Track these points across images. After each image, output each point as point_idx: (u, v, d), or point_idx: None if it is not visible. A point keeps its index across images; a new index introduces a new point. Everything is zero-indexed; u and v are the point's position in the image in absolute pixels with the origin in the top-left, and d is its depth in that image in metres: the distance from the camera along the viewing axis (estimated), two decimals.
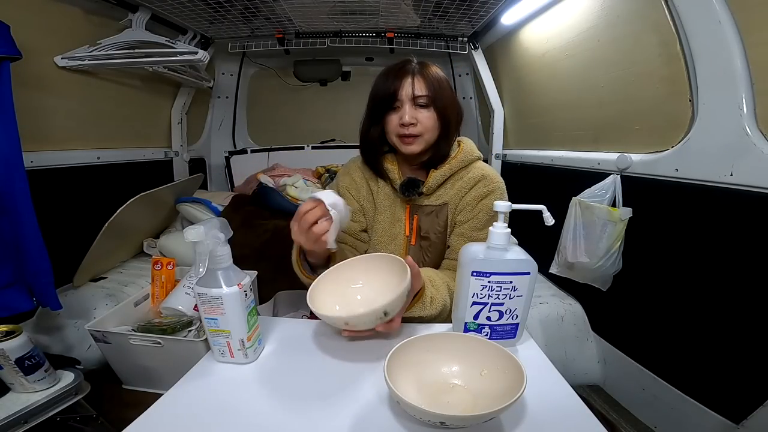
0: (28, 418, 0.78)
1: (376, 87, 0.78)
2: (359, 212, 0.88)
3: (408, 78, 0.74)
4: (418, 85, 0.74)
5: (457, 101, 0.80)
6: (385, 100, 0.76)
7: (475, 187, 0.80)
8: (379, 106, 0.78)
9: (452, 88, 0.80)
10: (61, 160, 1.32)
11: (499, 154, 1.93)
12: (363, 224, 0.88)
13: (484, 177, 0.80)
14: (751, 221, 0.80)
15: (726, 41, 0.80)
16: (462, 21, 1.67)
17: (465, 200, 0.80)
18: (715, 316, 0.89)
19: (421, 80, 0.74)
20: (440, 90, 0.75)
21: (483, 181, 0.80)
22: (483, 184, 0.80)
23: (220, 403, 0.50)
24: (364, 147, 0.85)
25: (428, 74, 0.75)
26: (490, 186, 0.79)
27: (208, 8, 1.49)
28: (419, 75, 0.75)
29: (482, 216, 0.78)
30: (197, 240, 0.50)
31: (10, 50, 0.93)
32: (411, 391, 0.48)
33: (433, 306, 0.69)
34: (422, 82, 0.74)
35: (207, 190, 2.22)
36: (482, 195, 0.79)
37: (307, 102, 2.48)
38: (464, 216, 0.80)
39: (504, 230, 0.58)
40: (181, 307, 1.08)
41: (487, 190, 0.79)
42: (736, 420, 0.83)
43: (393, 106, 0.76)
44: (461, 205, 0.81)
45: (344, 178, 0.89)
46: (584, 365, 1.26)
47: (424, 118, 0.75)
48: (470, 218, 0.80)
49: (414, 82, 0.74)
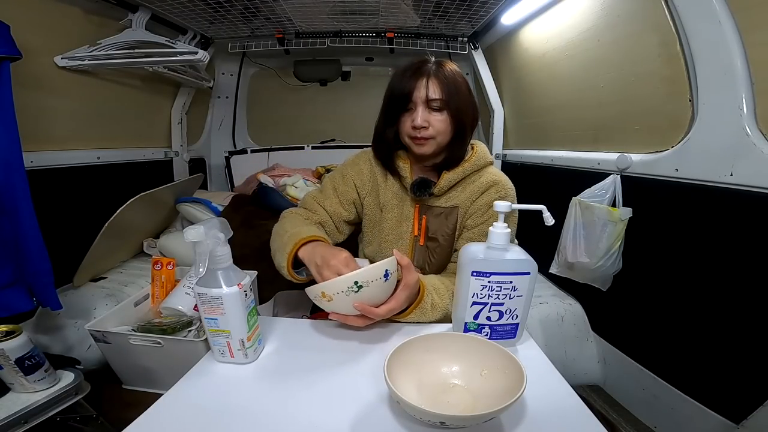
0: (28, 418, 0.78)
1: (391, 86, 0.77)
2: (353, 204, 0.87)
3: (423, 79, 0.73)
4: (433, 88, 0.73)
5: (473, 103, 0.78)
6: (399, 100, 0.75)
7: (486, 192, 0.79)
8: (393, 107, 0.77)
9: (469, 88, 0.78)
10: (61, 160, 1.32)
11: (499, 154, 1.93)
12: (351, 215, 0.88)
13: (495, 183, 0.80)
14: (751, 221, 0.80)
15: (726, 41, 0.80)
16: (462, 21, 1.67)
17: (475, 205, 0.80)
18: (715, 316, 0.89)
19: (436, 82, 0.73)
20: (456, 93, 0.74)
21: (495, 186, 0.79)
22: (495, 189, 0.79)
23: (220, 403, 0.50)
24: (377, 144, 0.84)
25: (444, 76, 0.74)
26: (501, 192, 0.79)
27: (208, 8, 1.49)
28: (435, 77, 0.73)
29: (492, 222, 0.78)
30: (197, 240, 0.50)
31: (10, 50, 0.93)
32: (411, 391, 0.48)
33: (434, 312, 0.69)
34: (437, 85, 0.73)
35: (207, 190, 2.22)
36: (493, 201, 0.78)
37: (307, 102, 2.48)
38: (474, 221, 0.80)
39: (504, 230, 0.58)
40: (181, 307, 1.07)
41: (498, 197, 0.78)
42: (736, 420, 0.83)
43: (407, 107, 0.75)
44: (471, 210, 0.80)
45: (352, 167, 0.89)
46: (584, 365, 1.26)
47: (437, 121, 0.74)
48: (480, 223, 0.79)
49: (429, 84, 0.73)
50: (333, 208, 0.87)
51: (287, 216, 0.85)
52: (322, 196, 0.88)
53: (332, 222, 0.87)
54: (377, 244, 0.87)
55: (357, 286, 0.56)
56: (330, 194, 0.88)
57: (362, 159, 0.89)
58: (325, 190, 0.89)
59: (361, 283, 0.56)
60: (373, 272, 0.57)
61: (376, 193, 0.87)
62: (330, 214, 0.87)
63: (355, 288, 0.56)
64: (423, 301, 0.67)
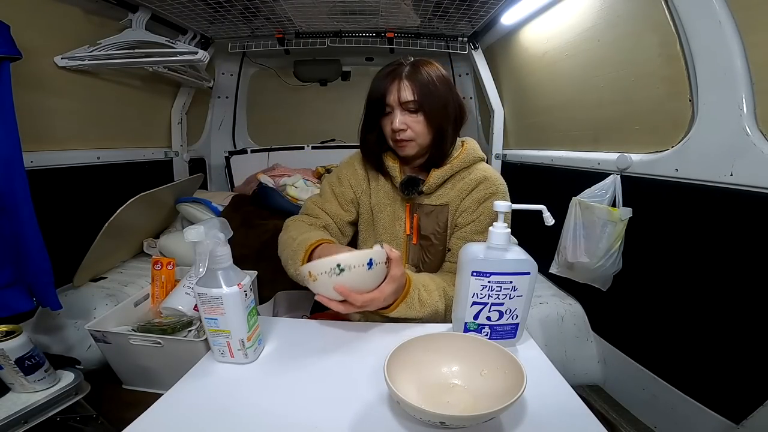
0: (28, 418, 0.78)
1: (369, 91, 0.77)
2: (351, 203, 0.88)
3: (396, 83, 0.73)
4: (406, 91, 0.72)
5: (454, 100, 0.77)
6: (376, 104, 0.76)
7: (476, 189, 0.79)
8: (372, 111, 0.77)
9: (451, 87, 0.77)
10: (61, 160, 1.32)
11: (499, 154, 1.93)
12: (352, 216, 0.88)
13: (485, 179, 0.79)
14: (751, 221, 0.80)
15: (726, 41, 0.80)
16: (462, 21, 1.67)
17: (466, 202, 0.80)
18: (715, 316, 0.89)
19: (408, 85, 0.72)
20: (429, 94, 0.73)
21: (484, 183, 0.79)
22: (484, 186, 0.78)
23: (220, 403, 0.50)
24: (363, 149, 0.85)
25: (417, 77, 0.73)
26: (491, 188, 0.78)
27: (208, 8, 1.49)
28: (408, 79, 0.73)
29: (483, 219, 0.77)
30: (197, 240, 0.50)
31: (10, 50, 0.93)
32: (411, 391, 0.48)
33: (422, 308, 0.68)
34: (409, 87, 0.72)
35: (207, 190, 2.22)
36: (483, 198, 0.78)
37: (307, 102, 2.48)
38: (465, 218, 0.80)
39: (504, 230, 0.58)
40: (181, 307, 1.07)
41: (489, 193, 0.78)
42: (736, 420, 0.83)
43: (385, 111, 0.75)
44: (462, 207, 0.80)
45: (347, 168, 0.90)
46: (584, 365, 1.26)
47: (414, 122, 0.74)
48: (471, 221, 0.79)
49: (401, 87, 0.72)
50: (334, 210, 0.87)
51: (291, 224, 0.85)
52: (322, 200, 0.89)
53: (335, 225, 0.87)
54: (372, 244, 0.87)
55: (339, 269, 0.57)
56: (329, 197, 0.88)
57: (356, 159, 0.90)
58: (324, 194, 0.89)
59: (343, 267, 0.57)
60: (357, 258, 0.58)
61: (369, 192, 0.87)
62: (332, 216, 0.87)
63: (336, 270, 0.57)
64: (409, 295, 0.67)
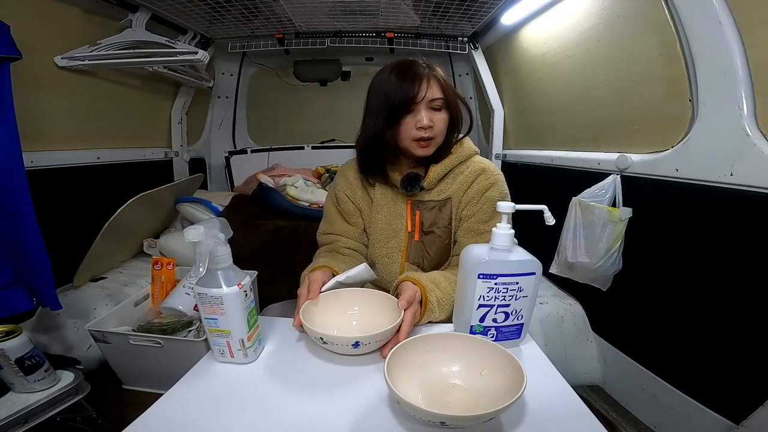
0: (28, 418, 0.78)
1: (387, 89, 0.75)
2: (356, 213, 0.89)
3: (423, 81, 0.74)
4: (434, 89, 0.74)
5: (462, 99, 0.81)
6: (402, 104, 0.74)
7: (476, 180, 0.81)
8: (395, 110, 0.75)
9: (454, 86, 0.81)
10: (61, 160, 1.32)
11: (499, 154, 1.93)
12: (361, 224, 0.90)
13: (483, 170, 0.81)
14: (751, 221, 0.80)
15: (726, 41, 0.80)
16: (462, 21, 1.67)
17: (468, 194, 0.81)
18: (715, 316, 0.89)
19: (434, 83, 0.75)
20: (450, 91, 0.77)
21: (483, 174, 0.81)
22: (484, 177, 0.81)
23: (220, 403, 0.50)
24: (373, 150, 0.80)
25: (439, 76, 0.76)
26: (491, 179, 0.80)
27: (208, 8, 1.49)
28: (432, 78, 0.75)
29: (487, 208, 0.80)
30: (197, 240, 0.50)
31: (10, 50, 0.93)
32: (411, 391, 0.48)
33: (441, 310, 0.69)
34: (436, 85, 0.75)
35: (207, 190, 2.22)
36: (485, 188, 0.80)
37: (307, 102, 2.48)
38: (470, 210, 0.81)
39: (508, 231, 0.58)
40: (181, 307, 1.07)
41: (489, 183, 0.80)
42: (736, 420, 0.83)
43: (409, 109, 0.75)
44: (465, 199, 0.81)
45: (340, 180, 0.90)
46: (584, 365, 1.26)
47: (439, 120, 0.76)
48: (476, 211, 0.80)
49: (429, 85, 0.74)
50: (344, 228, 0.89)
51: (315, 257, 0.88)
52: (329, 224, 0.91)
53: (352, 241, 0.89)
54: (371, 245, 0.88)
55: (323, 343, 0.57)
56: (335, 218, 0.90)
57: (347, 168, 0.90)
58: (329, 217, 0.91)
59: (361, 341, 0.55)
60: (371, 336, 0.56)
61: (367, 195, 0.88)
62: (344, 234, 0.89)
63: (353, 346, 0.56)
64: (429, 302, 0.68)
